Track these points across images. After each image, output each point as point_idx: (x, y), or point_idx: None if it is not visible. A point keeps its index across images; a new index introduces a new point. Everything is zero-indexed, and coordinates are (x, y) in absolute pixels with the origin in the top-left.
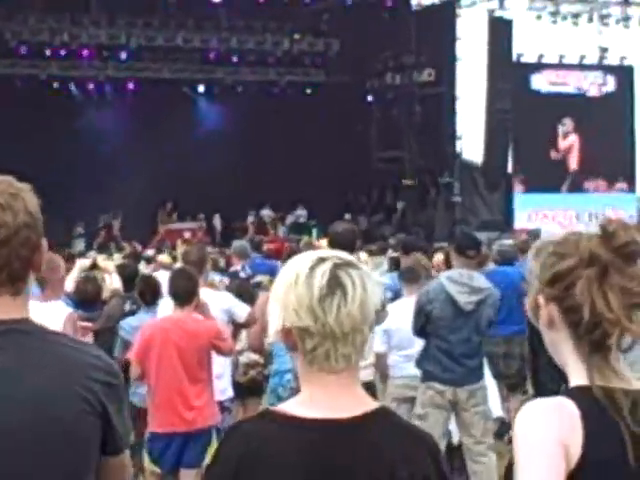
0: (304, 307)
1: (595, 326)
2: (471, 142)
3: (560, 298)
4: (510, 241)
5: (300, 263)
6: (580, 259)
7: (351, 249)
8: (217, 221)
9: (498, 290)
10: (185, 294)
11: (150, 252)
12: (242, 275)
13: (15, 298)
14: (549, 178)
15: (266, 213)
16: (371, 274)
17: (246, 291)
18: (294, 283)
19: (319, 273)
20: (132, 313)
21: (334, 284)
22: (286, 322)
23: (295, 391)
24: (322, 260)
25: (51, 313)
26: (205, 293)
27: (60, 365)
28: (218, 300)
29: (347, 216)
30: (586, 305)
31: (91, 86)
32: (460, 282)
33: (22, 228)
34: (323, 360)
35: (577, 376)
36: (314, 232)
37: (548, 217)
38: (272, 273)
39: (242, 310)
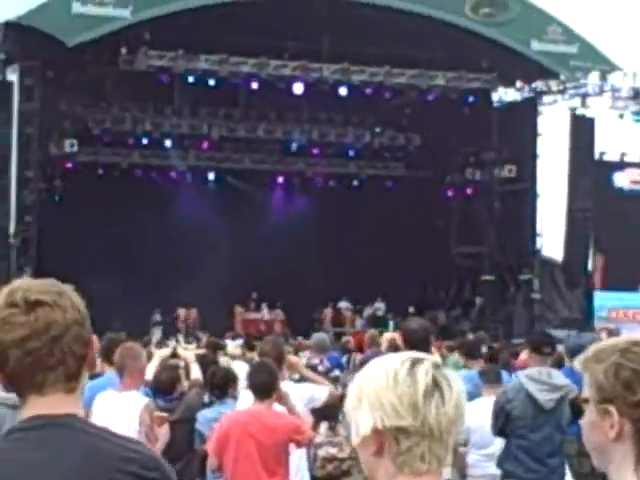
0: (405, 405)
1: None
2: (551, 239)
3: None
4: (590, 337)
5: (393, 363)
6: None
7: (425, 346)
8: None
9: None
10: (264, 388)
11: (227, 342)
12: (320, 369)
13: (68, 395)
14: (631, 277)
15: (344, 305)
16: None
17: None
18: (393, 382)
19: (422, 371)
20: (211, 404)
21: (434, 383)
22: (380, 423)
23: None
24: (419, 360)
25: (128, 403)
26: (285, 385)
27: (89, 458)
28: (298, 390)
29: (411, 309)
30: None
31: (172, 175)
32: (539, 380)
33: (72, 325)
34: (418, 461)
35: None
36: (391, 325)
37: (629, 316)
38: (341, 368)
39: (322, 393)
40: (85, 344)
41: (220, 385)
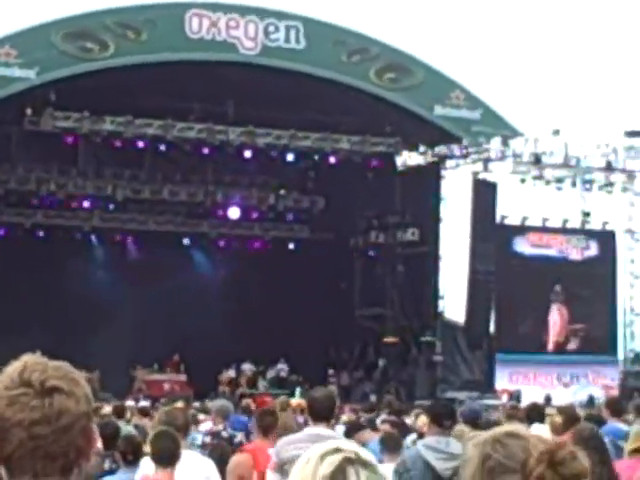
0: None
1: None
2: (453, 301)
3: None
4: (491, 402)
5: (318, 448)
6: (523, 477)
7: (328, 415)
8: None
9: None
10: (167, 456)
11: (130, 403)
12: (224, 435)
13: None
14: (531, 339)
15: (247, 367)
16: None
17: (226, 455)
18: (305, 464)
19: (327, 462)
20: (111, 472)
21: (339, 477)
22: None
23: None
24: (336, 450)
25: None
26: (189, 455)
27: None
28: (201, 465)
29: (331, 371)
30: None
31: (77, 236)
32: (437, 449)
33: (82, 417)
34: None
35: None
36: (297, 391)
37: (529, 378)
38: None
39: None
40: (88, 438)
41: (127, 452)
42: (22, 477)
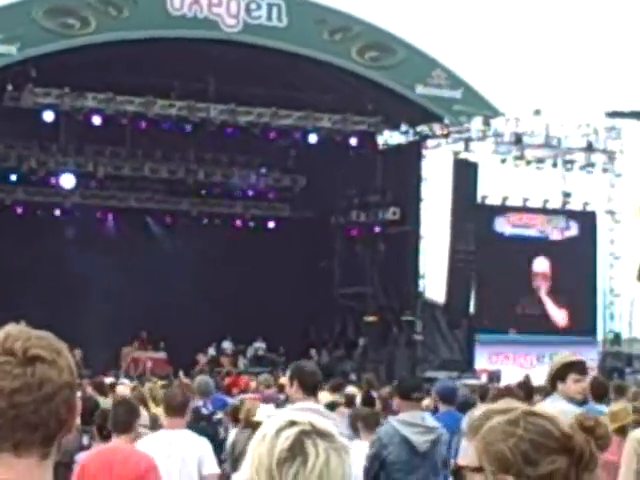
0: (263, 467)
1: None
2: (434, 281)
3: None
4: (471, 382)
5: (272, 423)
6: (572, 459)
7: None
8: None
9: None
10: (122, 424)
11: (110, 380)
12: (204, 412)
13: (43, 461)
14: (510, 319)
15: (227, 345)
16: (347, 448)
17: (208, 431)
18: (261, 441)
19: (283, 436)
20: (90, 447)
21: (297, 450)
22: (248, 477)
23: None
24: (291, 424)
25: None
26: (184, 434)
27: None
28: (195, 444)
29: (312, 352)
30: None
31: (57, 212)
32: (413, 423)
33: (65, 387)
34: None
35: None
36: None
37: (509, 358)
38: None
39: (212, 467)
40: (70, 409)
41: (103, 427)
42: (2, 447)
